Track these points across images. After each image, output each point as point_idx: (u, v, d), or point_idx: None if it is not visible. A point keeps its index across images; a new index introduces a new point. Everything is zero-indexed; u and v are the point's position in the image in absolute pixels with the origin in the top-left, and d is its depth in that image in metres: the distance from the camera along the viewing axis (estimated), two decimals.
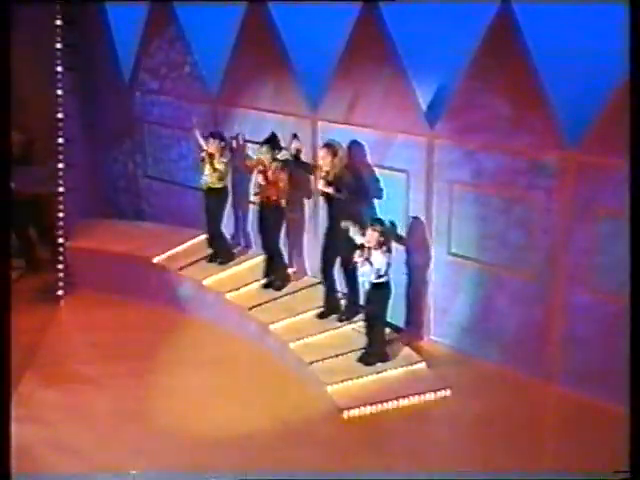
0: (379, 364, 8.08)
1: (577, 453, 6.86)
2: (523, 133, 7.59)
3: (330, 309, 8.86)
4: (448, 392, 7.82)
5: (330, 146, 8.49)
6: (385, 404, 7.62)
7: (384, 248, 7.87)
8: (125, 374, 8.29)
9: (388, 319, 8.46)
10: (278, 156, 9.05)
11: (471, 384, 7.97)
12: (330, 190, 8.37)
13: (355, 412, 7.57)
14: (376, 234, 7.83)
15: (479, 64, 7.72)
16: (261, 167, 9.08)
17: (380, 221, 8.01)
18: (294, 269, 9.71)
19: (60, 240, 10.20)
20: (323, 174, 8.46)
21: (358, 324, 8.52)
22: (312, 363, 8.14)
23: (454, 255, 8.37)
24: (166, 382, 8.19)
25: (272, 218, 9.22)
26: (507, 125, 7.66)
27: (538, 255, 7.77)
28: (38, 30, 10.40)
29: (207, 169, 9.61)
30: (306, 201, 9.42)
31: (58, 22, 10.14)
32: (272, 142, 9.08)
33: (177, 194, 10.96)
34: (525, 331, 8.01)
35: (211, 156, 9.56)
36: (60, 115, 10.18)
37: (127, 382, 8.15)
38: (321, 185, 8.44)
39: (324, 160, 8.44)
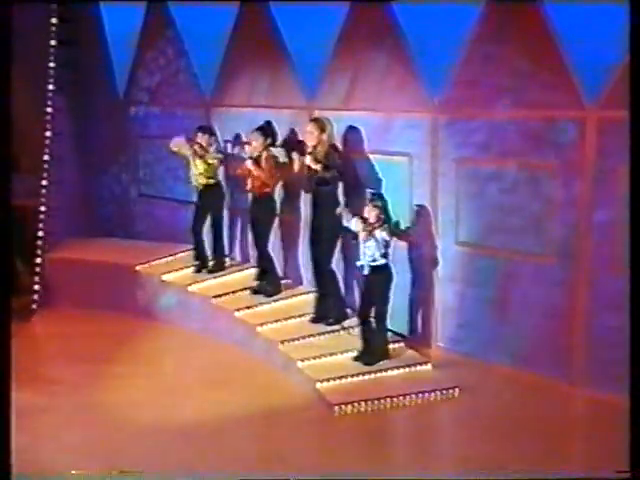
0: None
1: (600, 460, 5.72)
2: (538, 93, 6.79)
3: (323, 313, 7.94)
4: (456, 392, 6.81)
5: (317, 120, 7.78)
6: (382, 401, 6.63)
7: (385, 225, 7.06)
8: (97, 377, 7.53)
9: (389, 326, 7.51)
10: (273, 150, 8.43)
11: (482, 386, 6.95)
12: (318, 167, 7.60)
13: (348, 409, 6.56)
14: (376, 210, 7.05)
15: (488, 23, 7.03)
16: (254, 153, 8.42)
17: (380, 196, 7.23)
18: (289, 279, 8.83)
19: (38, 253, 9.54)
20: (309, 149, 7.73)
21: (354, 329, 7.57)
22: (302, 361, 7.23)
23: (463, 245, 7.47)
24: (144, 384, 7.40)
25: (263, 211, 8.46)
26: (519, 86, 6.89)
27: (559, 233, 6.83)
28: (31, 40, 9.97)
29: (198, 163, 8.90)
30: (301, 204, 8.61)
31: (53, 22, 9.83)
32: (265, 129, 8.44)
33: (170, 210, 10.28)
34: (547, 327, 6.98)
35: (202, 148, 8.89)
36: (48, 133, 9.86)
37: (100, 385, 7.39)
38: (308, 160, 7.66)
39: (310, 135, 7.71)
